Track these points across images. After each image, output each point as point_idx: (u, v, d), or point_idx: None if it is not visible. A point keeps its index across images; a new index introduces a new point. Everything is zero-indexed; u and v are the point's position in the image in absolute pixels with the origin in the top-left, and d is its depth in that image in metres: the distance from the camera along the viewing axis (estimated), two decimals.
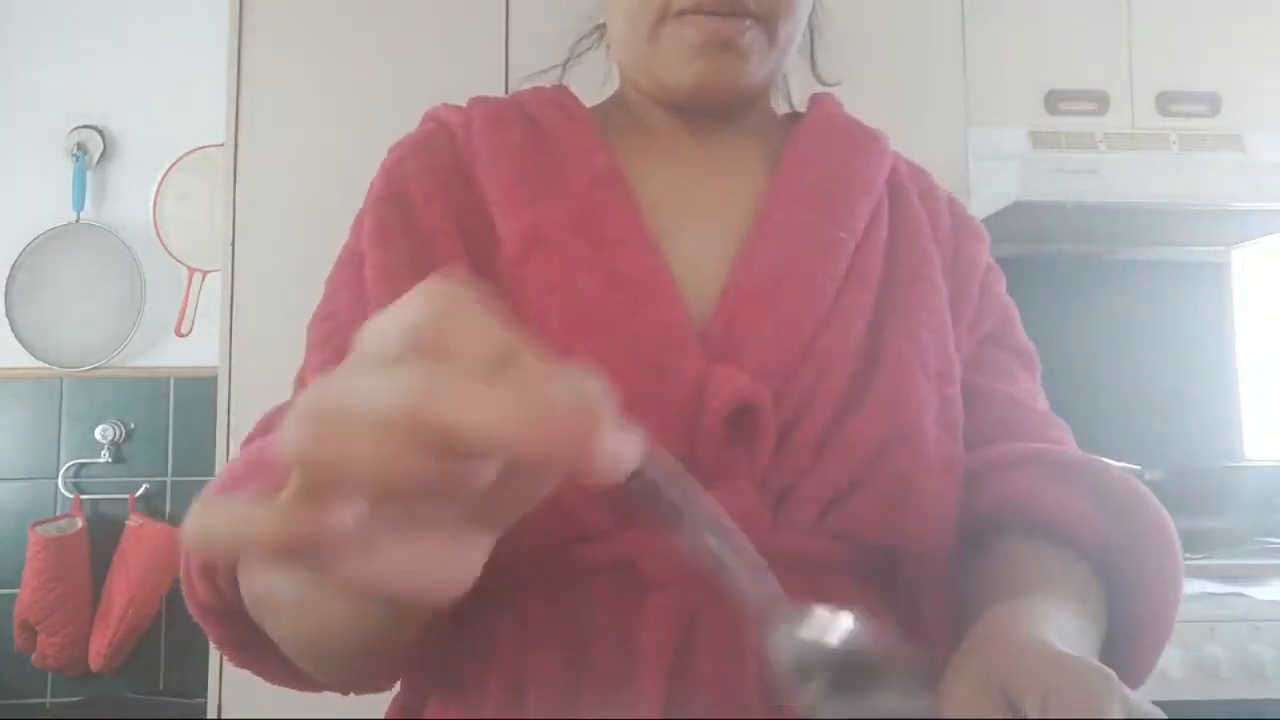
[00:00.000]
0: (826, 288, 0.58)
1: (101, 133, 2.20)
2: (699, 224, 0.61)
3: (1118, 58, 1.91)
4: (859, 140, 0.67)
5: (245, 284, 1.71)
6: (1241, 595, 1.58)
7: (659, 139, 0.66)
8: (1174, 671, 1.47)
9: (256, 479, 0.49)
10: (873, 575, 0.57)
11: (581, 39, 0.76)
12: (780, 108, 0.74)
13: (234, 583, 0.47)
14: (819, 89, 0.74)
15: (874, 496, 0.54)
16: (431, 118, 0.68)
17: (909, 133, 1.86)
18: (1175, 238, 2.11)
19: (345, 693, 0.56)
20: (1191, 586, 1.63)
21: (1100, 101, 1.90)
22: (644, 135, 0.66)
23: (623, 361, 0.53)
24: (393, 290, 0.57)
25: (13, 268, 2.16)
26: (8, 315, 2.15)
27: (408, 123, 0.73)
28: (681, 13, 0.58)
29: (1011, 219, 1.77)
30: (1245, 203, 1.84)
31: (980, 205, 1.77)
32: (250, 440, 0.58)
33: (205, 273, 2.17)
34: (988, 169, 1.78)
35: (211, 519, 0.25)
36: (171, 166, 2.19)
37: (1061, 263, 2.13)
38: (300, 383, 0.61)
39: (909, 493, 0.55)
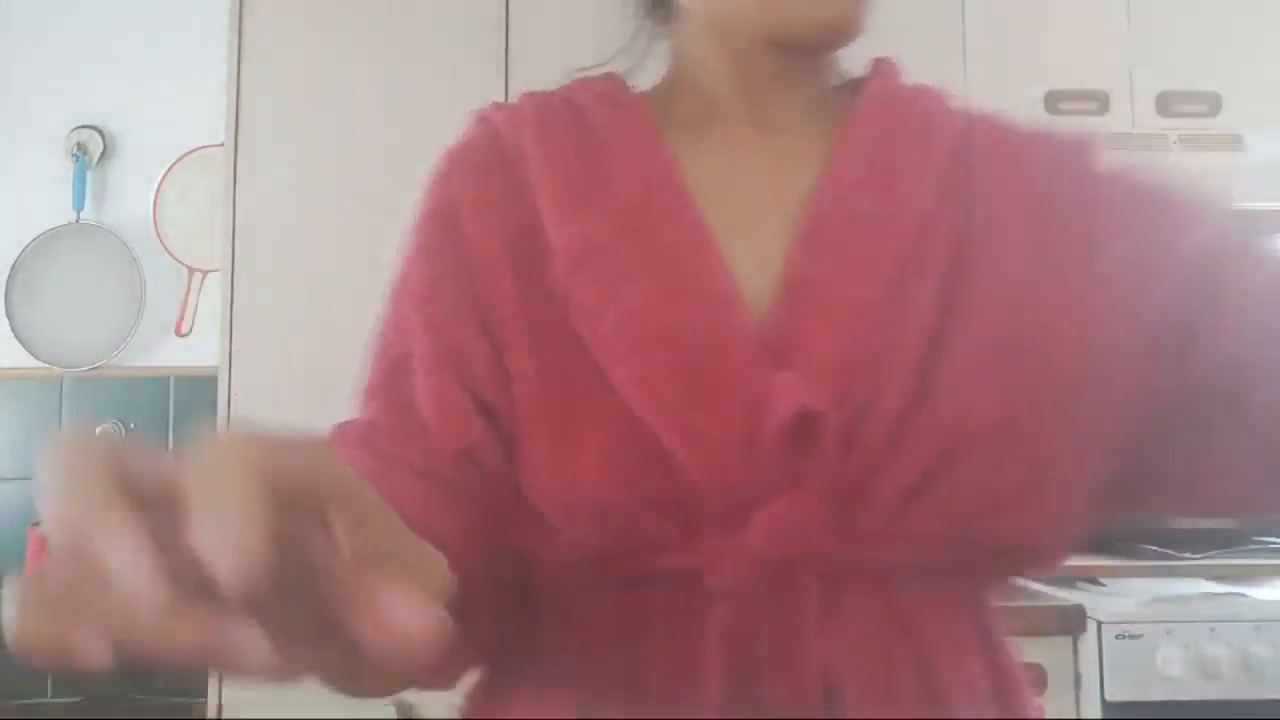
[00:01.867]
0: (885, 277, 0.54)
1: (101, 133, 2.20)
2: (758, 218, 0.58)
3: (1118, 58, 1.91)
4: (920, 112, 0.62)
5: (245, 284, 1.71)
6: (1241, 595, 1.58)
7: (715, 126, 0.63)
8: (1174, 671, 1.47)
9: None
10: (954, 586, 0.56)
11: (639, 27, 0.71)
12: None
13: None
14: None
15: (951, 494, 0.52)
16: (481, 118, 0.65)
17: None
18: None
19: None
20: (1192, 586, 1.63)
21: (1100, 101, 1.90)
22: (699, 124, 0.63)
23: (682, 374, 0.52)
24: (430, 313, 0.58)
25: (13, 268, 2.16)
26: (8, 315, 2.15)
27: (407, 123, 0.73)
28: None
29: None
30: (1245, 203, 1.84)
31: None
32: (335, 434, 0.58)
33: (205, 273, 2.17)
34: None
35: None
36: (171, 166, 2.19)
37: None
38: (361, 397, 0.59)
39: (992, 486, 0.52)
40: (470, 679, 0.62)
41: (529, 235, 0.58)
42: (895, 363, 0.52)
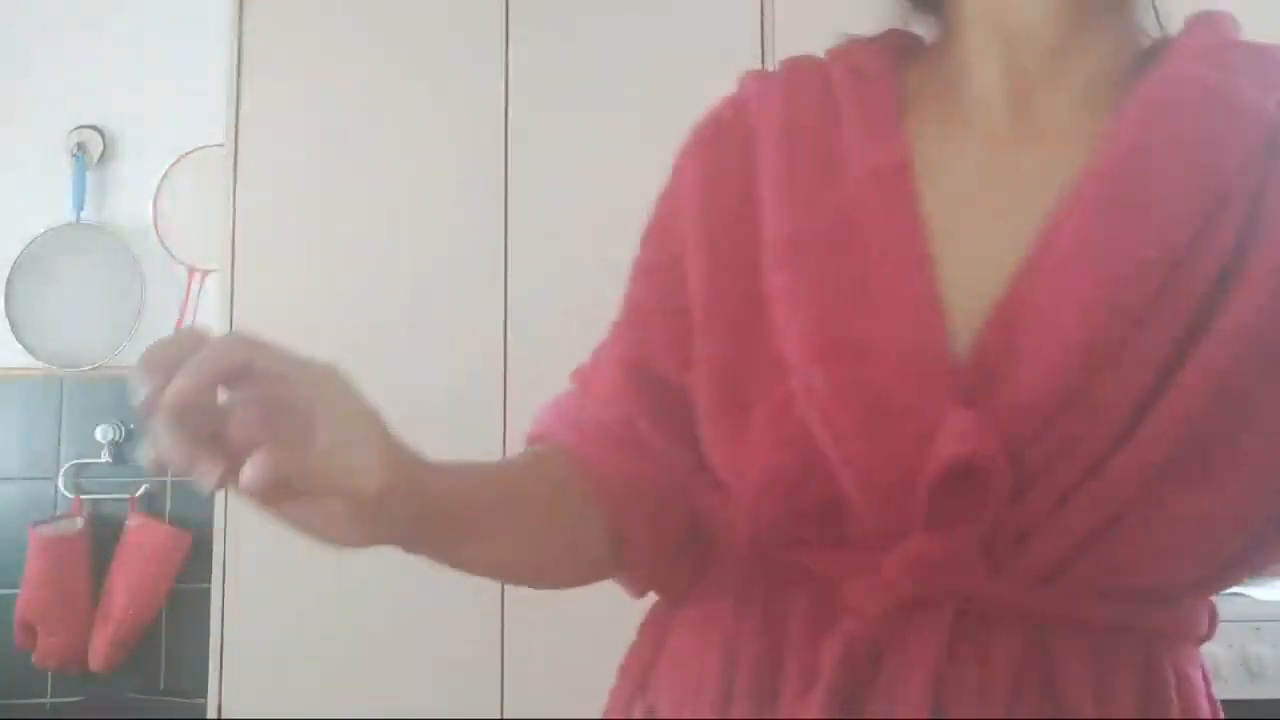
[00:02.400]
0: (1113, 319, 0.47)
1: (101, 133, 2.20)
2: (992, 223, 0.53)
3: None
4: (1220, 107, 0.51)
5: (245, 284, 1.71)
6: (1241, 595, 1.57)
7: (969, 113, 0.57)
8: None
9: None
10: (1117, 637, 0.52)
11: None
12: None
13: None
14: None
15: (1128, 542, 0.48)
16: (739, 86, 0.63)
17: None
18: None
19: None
20: None
21: None
22: (953, 105, 0.57)
23: (858, 395, 0.50)
24: (633, 296, 0.63)
25: (13, 268, 2.16)
26: (8, 315, 2.15)
27: (407, 123, 0.73)
28: None
29: None
30: None
31: None
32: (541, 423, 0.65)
33: (205, 273, 2.17)
34: None
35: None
36: (171, 166, 2.19)
37: None
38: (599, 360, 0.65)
39: (1177, 530, 0.49)
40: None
41: (742, 222, 0.57)
42: (1102, 414, 0.47)
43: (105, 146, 2.20)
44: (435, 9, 1.77)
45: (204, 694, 1.65)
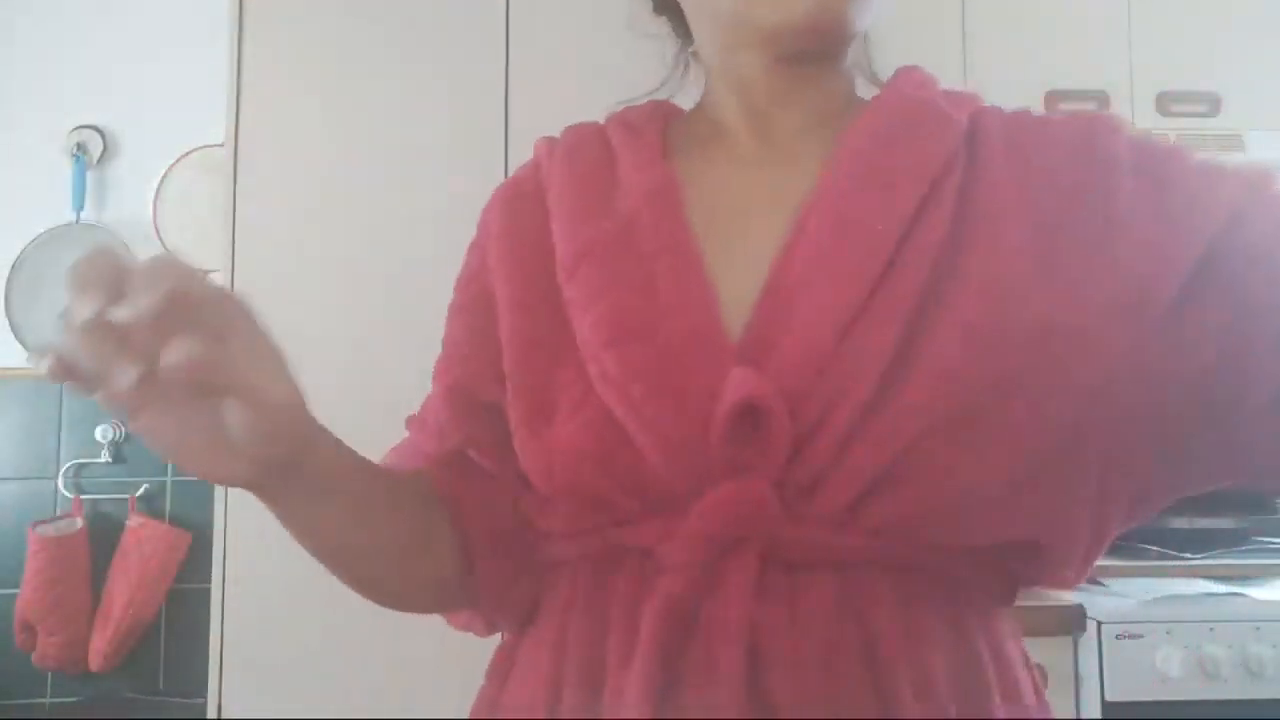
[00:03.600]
0: (858, 283, 0.56)
1: (101, 133, 2.20)
2: (752, 227, 0.62)
3: (1118, 58, 1.91)
4: (924, 118, 0.63)
5: (245, 284, 1.71)
6: (1241, 595, 1.58)
7: (723, 142, 0.68)
8: (1174, 671, 1.47)
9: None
10: (926, 584, 0.57)
11: (679, 53, 0.77)
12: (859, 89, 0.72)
13: None
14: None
15: (912, 490, 0.54)
16: (535, 150, 0.73)
17: None
18: None
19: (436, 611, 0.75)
20: (1191, 586, 1.63)
21: (1100, 101, 1.90)
22: (709, 142, 0.68)
23: (650, 369, 0.56)
24: (451, 334, 0.72)
25: (13, 268, 2.16)
26: (8, 315, 2.15)
27: (406, 123, 0.74)
28: None
29: None
30: None
31: None
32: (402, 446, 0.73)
33: (205, 273, 2.17)
34: None
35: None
36: (171, 166, 2.19)
37: None
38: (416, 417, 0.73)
39: (955, 484, 0.54)
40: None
41: (543, 252, 0.65)
42: (863, 361, 0.54)
43: (105, 146, 2.20)
44: (436, 9, 1.77)
45: (204, 694, 1.64)
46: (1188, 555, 1.76)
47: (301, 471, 0.56)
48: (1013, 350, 0.54)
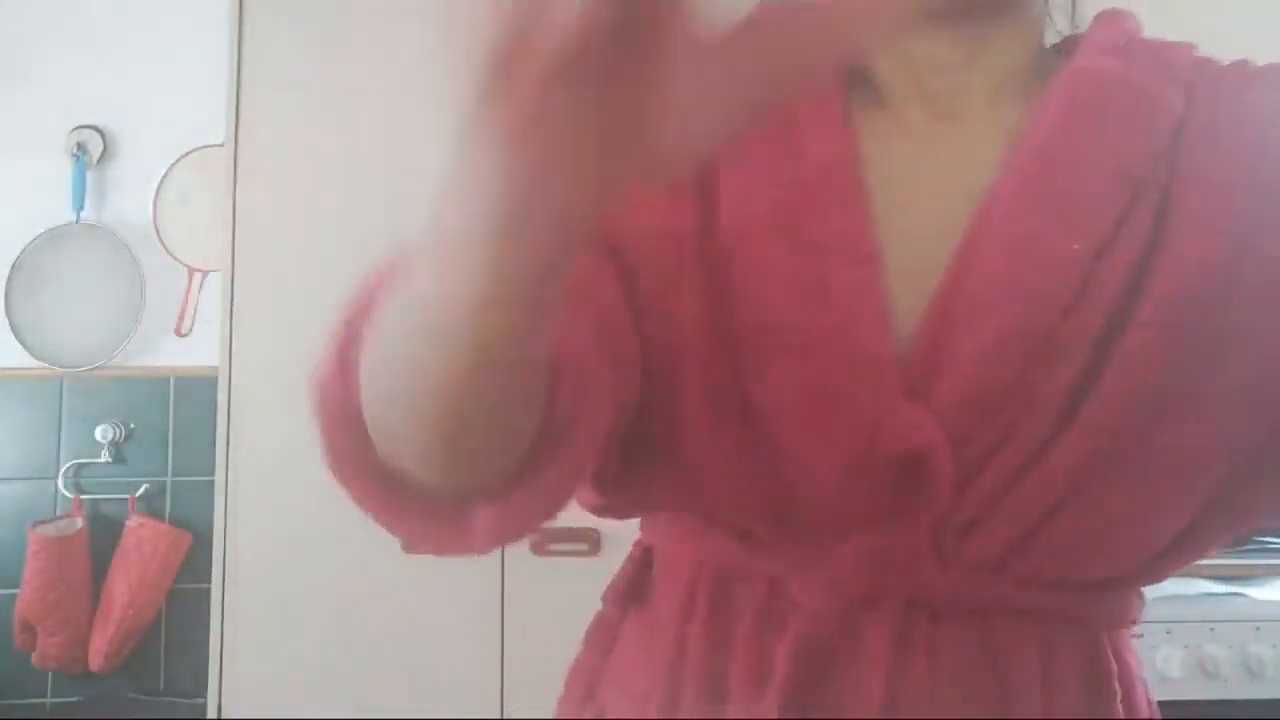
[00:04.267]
0: (1045, 312, 0.48)
1: (101, 133, 2.20)
2: (927, 220, 0.53)
3: None
4: (1129, 101, 0.53)
5: (245, 284, 1.71)
6: (1241, 595, 1.57)
7: (890, 110, 0.57)
8: (1174, 671, 1.47)
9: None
10: (1060, 623, 0.53)
11: None
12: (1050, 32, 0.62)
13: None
14: None
15: (1068, 531, 0.50)
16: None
17: None
18: None
19: (484, 489, 0.47)
20: (1191, 586, 1.63)
21: None
22: (875, 106, 0.57)
23: (810, 387, 0.50)
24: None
25: (13, 268, 2.16)
26: (8, 315, 2.15)
27: (406, 123, 0.73)
28: None
29: None
30: None
31: None
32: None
33: (205, 273, 2.17)
34: None
35: None
36: (171, 166, 2.19)
37: None
38: None
39: (1111, 523, 0.50)
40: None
41: (707, 210, 0.54)
42: (1040, 400, 0.48)
43: (105, 146, 2.20)
44: (436, 8, 1.77)
45: (204, 694, 1.65)
46: None
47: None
48: (1171, 380, 0.49)
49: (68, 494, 2.13)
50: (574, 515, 0.57)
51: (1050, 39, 0.61)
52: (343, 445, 0.45)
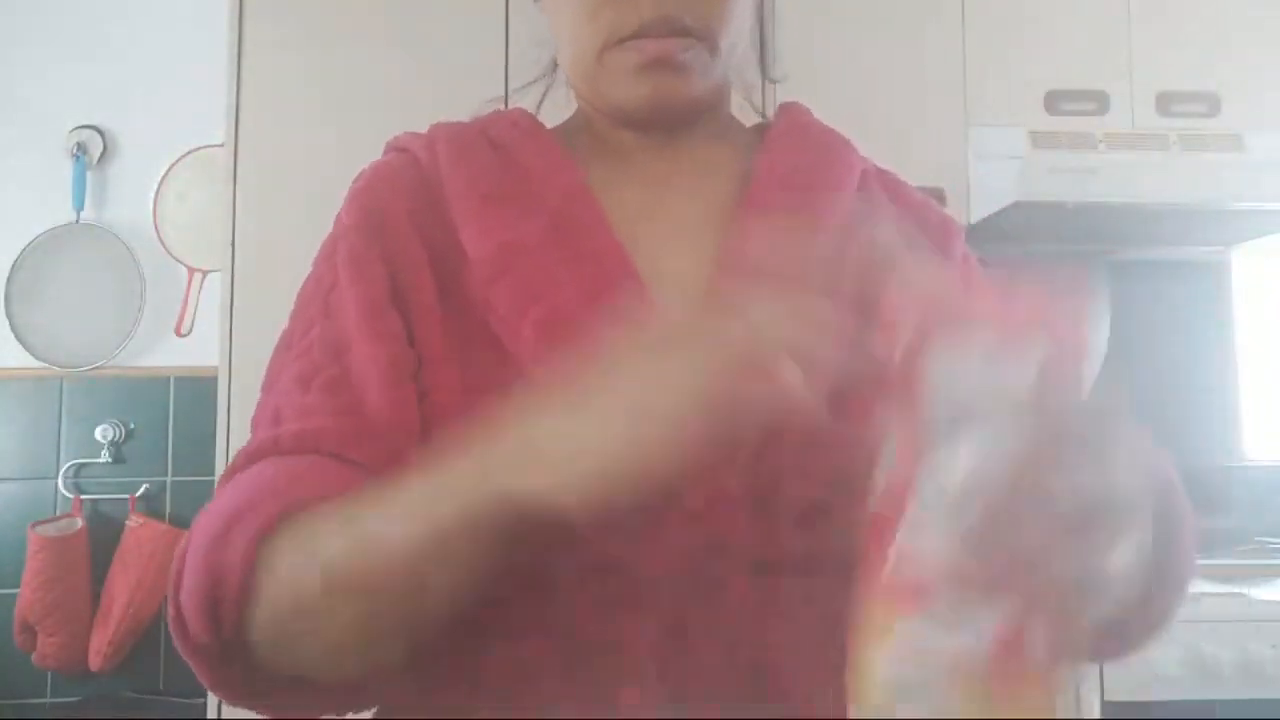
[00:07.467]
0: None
1: (101, 133, 2.20)
2: (671, 237, 0.62)
3: (1118, 58, 1.91)
4: (831, 145, 0.68)
5: (245, 284, 1.71)
6: (1241, 595, 1.58)
7: (623, 155, 0.66)
8: (1173, 671, 1.47)
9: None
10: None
11: (545, 67, 0.78)
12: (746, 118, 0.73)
13: (236, 610, 0.49)
14: (784, 97, 0.73)
15: (853, 498, 0.52)
16: (396, 146, 0.69)
17: (909, 133, 1.86)
18: (1175, 238, 2.11)
19: (347, 710, 0.60)
20: (1191, 586, 1.63)
21: (1100, 101, 1.90)
22: (608, 153, 0.67)
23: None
24: (375, 325, 0.58)
25: (13, 268, 2.16)
26: (8, 315, 2.15)
27: (407, 123, 0.73)
28: (623, 40, 0.60)
29: (1011, 219, 1.77)
30: (1244, 202, 1.84)
31: (980, 205, 1.77)
32: (245, 457, 0.57)
33: (205, 273, 2.17)
34: (988, 169, 1.78)
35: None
36: (171, 166, 2.19)
37: (1061, 263, 2.14)
38: (266, 417, 0.59)
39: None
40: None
41: (447, 251, 0.60)
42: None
43: (105, 146, 2.20)
44: (436, 8, 1.77)
45: (204, 694, 1.64)
46: None
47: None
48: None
49: (67, 494, 2.13)
50: None
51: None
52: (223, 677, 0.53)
